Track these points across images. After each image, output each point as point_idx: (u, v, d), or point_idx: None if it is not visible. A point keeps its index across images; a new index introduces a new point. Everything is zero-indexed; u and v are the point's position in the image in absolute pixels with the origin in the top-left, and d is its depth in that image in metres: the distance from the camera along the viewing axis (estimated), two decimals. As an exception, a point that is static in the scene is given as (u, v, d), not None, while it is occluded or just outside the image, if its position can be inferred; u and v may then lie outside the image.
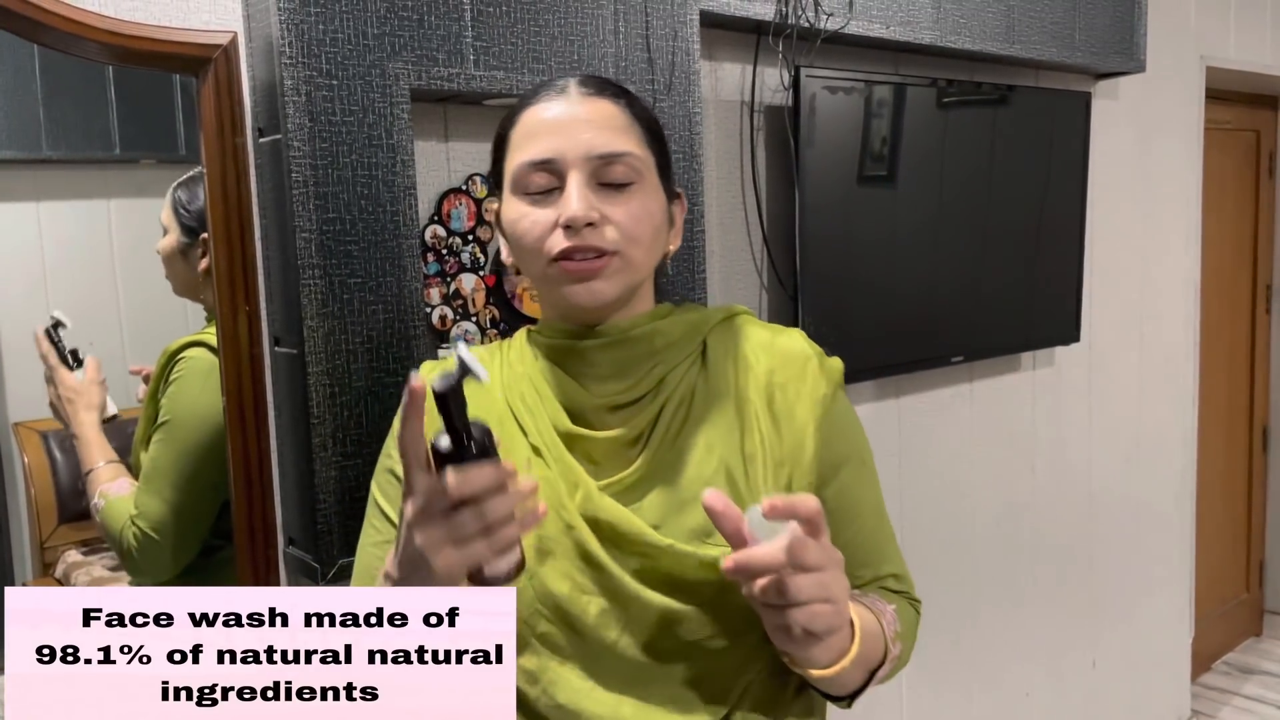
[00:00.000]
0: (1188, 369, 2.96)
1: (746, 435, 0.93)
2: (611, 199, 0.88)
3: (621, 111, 0.91)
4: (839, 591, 0.78)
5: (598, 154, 0.88)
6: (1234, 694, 3.39)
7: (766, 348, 0.97)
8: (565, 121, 0.89)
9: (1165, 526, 2.91)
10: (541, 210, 0.88)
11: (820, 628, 0.76)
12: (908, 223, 1.95)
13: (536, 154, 0.89)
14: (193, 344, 1.23)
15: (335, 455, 1.20)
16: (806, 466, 0.93)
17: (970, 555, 2.31)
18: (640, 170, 0.90)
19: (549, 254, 0.88)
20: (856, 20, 1.74)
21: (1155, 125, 2.69)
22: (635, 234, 0.89)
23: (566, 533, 0.88)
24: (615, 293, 0.89)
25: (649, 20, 1.44)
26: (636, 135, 0.91)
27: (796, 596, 0.75)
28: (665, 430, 0.92)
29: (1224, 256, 3.35)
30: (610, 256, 0.88)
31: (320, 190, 1.18)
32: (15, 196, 1.18)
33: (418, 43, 1.23)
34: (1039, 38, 2.10)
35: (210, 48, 1.14)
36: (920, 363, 2.04)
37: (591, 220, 0.87)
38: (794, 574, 0.75)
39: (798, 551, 0.74)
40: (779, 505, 0.75)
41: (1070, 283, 2.33)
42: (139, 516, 1.20)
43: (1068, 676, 2.60)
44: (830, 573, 0.77)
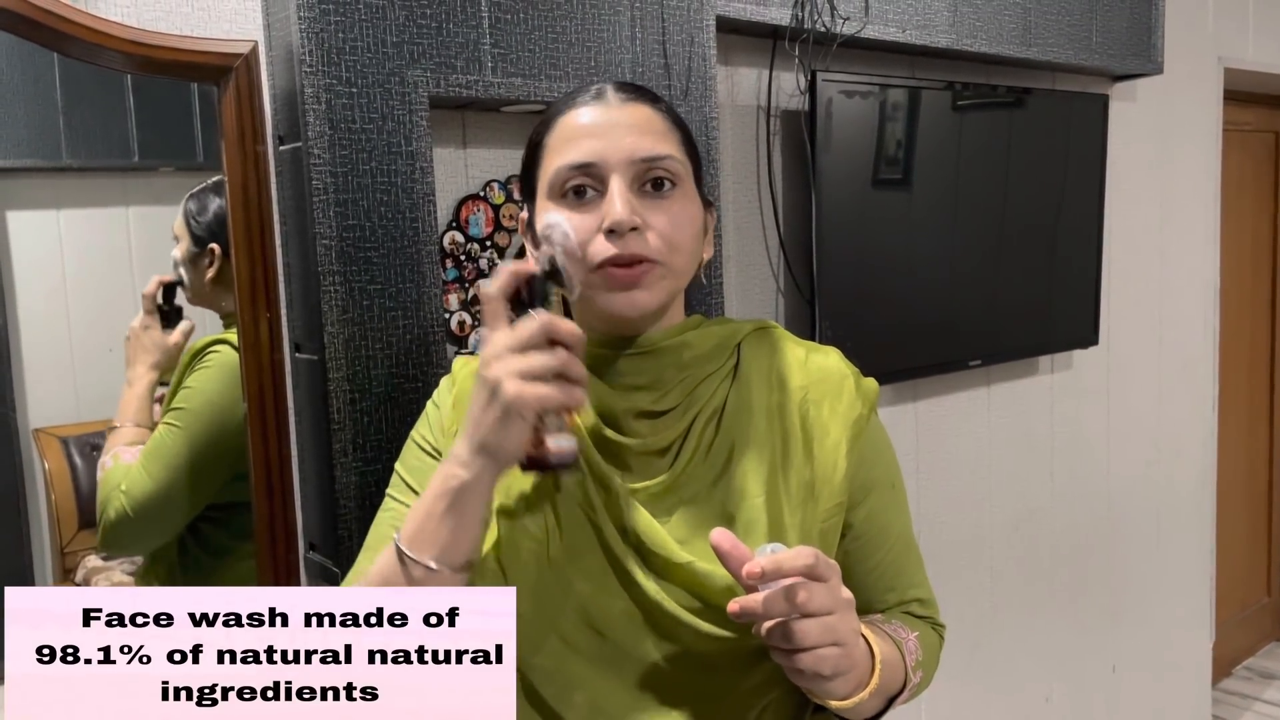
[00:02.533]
0: (1207, 371, 2.94)
1: (778, 452, 0.91)
2: (653, 205, 0.87)
3: (660, 116, 0.90)
4: (847, 634, 0.77)
5: (641, 157, 0.86)
6: (1255, 699, 3.36)
7: (801, 364, 0.96)
8: (606, 125, 0.87)
9: (1185, 530, 2.89)
10: (581, 216, 0.86)
11: (828, 671, 0.76)
12: (925, 226, 1.94)
13: (577, 157, 0.86)
14: (218, 341, 1.24)
15: (356, 460, 1.20)
16: (837, 486, 0.92)
17: (989, 560, 2.30)
18: (681, 175, 0.89)
19: (591, 261, 0.85)
20: (872, 24, 1.74)
21: (1173, 127, 2.67)
22: (678, 240, 0.87)
23: (595, 533, 0.88)
24: (657, 302, 0.88)
25: (665, 26, 1.45)
26: (676, 140, 0.90)
27: (802, 642, 0.74)
28: (696, 443, 0.91)
29: (1243, 258, 3.33)
30: (653, 265, 0.86)
31: (340, 197, 1.18)
32: (36, 204, 1.19)
33: (436, 50, 1.24)
34: (1056, 40, 2.09)
35: (232, 57, 1.15)
36: (937, 367, 2.03)
37: (635, 225, 0.85)
38: (799, 620, 0.74)
39: (803, 599, 0.73)
40: (767, 569, 0.74)
41: (1088, 286, 2.32)
42: (126, 491, 1.19)
43: (1087, 681, 2.58)
44: (838, 615, 0.76)
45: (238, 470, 1.23)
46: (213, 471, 1.24)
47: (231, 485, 1.25)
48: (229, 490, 1.26)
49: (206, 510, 1.27)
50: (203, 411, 1.23)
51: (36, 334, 1.18)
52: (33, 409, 1.20)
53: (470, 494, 0.78)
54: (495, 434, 0.76)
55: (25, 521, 1.21)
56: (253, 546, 1.24)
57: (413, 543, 0.80)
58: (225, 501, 1.27)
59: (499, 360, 0.76)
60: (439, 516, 0.79)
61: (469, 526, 0.80)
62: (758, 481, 0.90)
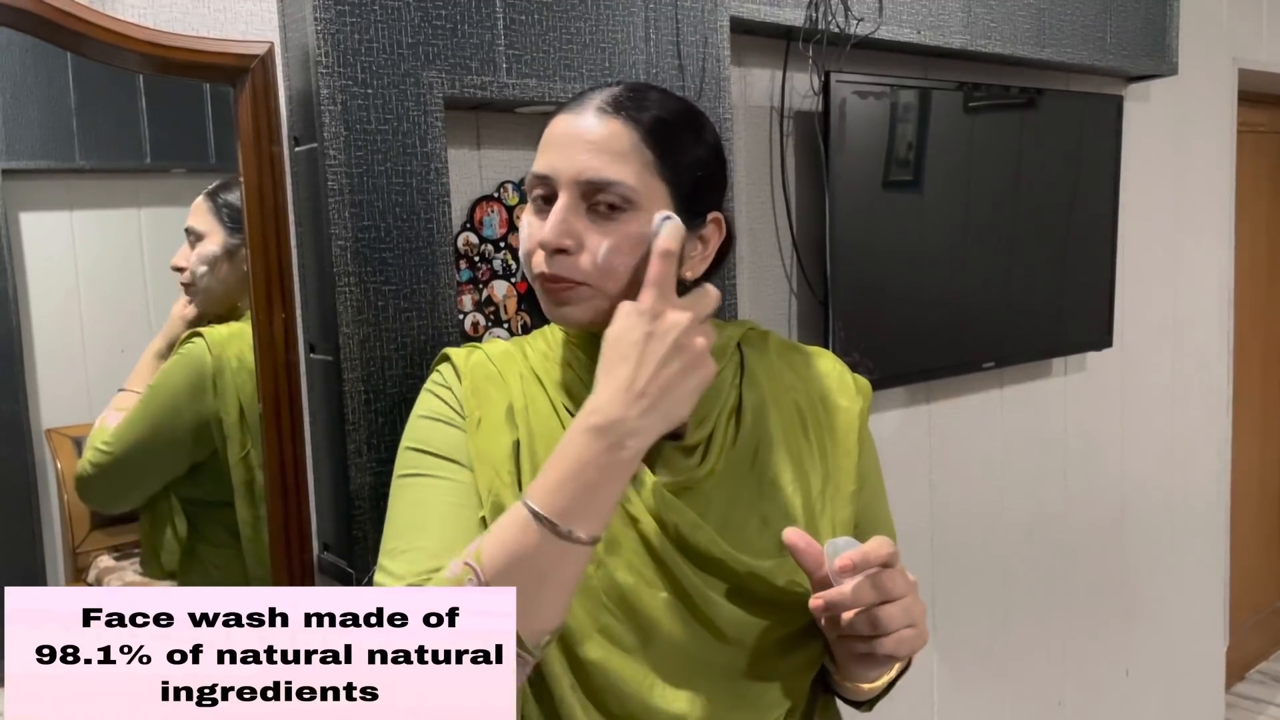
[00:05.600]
0: (1222, 373, 2.93)
1: (801, 447, 0.96)
2: (600, 225, 0.86)
3: (631, 135, 0.87)
4: (920, 614, 0.82)
5: (587, 179, 0.86)
6: (1269, 704, 3.34)
7: (804, 362, 1.01)
8: (568, 139, 0.87)
9: (1199, 534, 2.88)
10: (538, 222, 0.88)
11: (905, 652, 0.81)
12: (939, 228, 1.93)
13: (538, 167, 0.89)
14: (196, 333, 1.25)
15: (370, 461, 1.20)
16: (851, 476, 0.97)
17: (1002, 563, 2.29)
18: (634, 200, 0.86)
19: (533, 270, 0.89)
20: (886, 25, 1.73)
21: (1187, 128, 2.66)
22: (610, 265, 0.86)
23: (632, 525, 0.88)
24: (587, 317, 0.88)
25: (679, 27, 1.44)
26: (639, 162, 0.86)
27: (888, 626, 0.79)
28: (722, 440, 0.93)
29: (1257, 260, 3.31)
30: (580, 286, 0.87)
31: (355, 198, 1.18)
32: (48, 205, 1.20)
33: (451, 51, 1.24)
34: (1070, 41, 2.08)
35: (248, 58, 1.15)
36: (951, 368, 2.03)
37: (563, 246, 0.85)
38: (884, 606, 0.79)
39: (886, 585, 0.78)
40: (858, 562, 0.78)
41: (1102, 287, 2.31)
42: (94, 448, 1.21)
43: (1101, 685, 2.57)
44: (911, 597, 0.81)
45: (195, 459, 1.25)
46: (165, 454, 1.25)
47: (216, 485, 1.27)
48: (210, 487, 1.27)
49: (201, 507, 1.28)
50: (156, 394, 1.23)
51: (49, 334, 1.19)
52: (45, 409, 1.20)
53: (636, 462, 0.79)
54: (685, 401, 0.79)
55: (37, 521, 1.21)
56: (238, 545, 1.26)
57: (568, 515, 0.76)
58: (214, 499, 1.29)
59: (695, 330, 0.79)
60: (599, 486, 0.77)
61: (619, 495, 0.80)
62: (787, 475, 0.93)
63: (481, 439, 0.90)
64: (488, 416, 0.92)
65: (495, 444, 0.90)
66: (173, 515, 1.27)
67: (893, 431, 2.03)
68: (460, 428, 0.92)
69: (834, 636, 0.87)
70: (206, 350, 1.24)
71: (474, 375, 0.94)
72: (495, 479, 0.89)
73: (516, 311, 1.41)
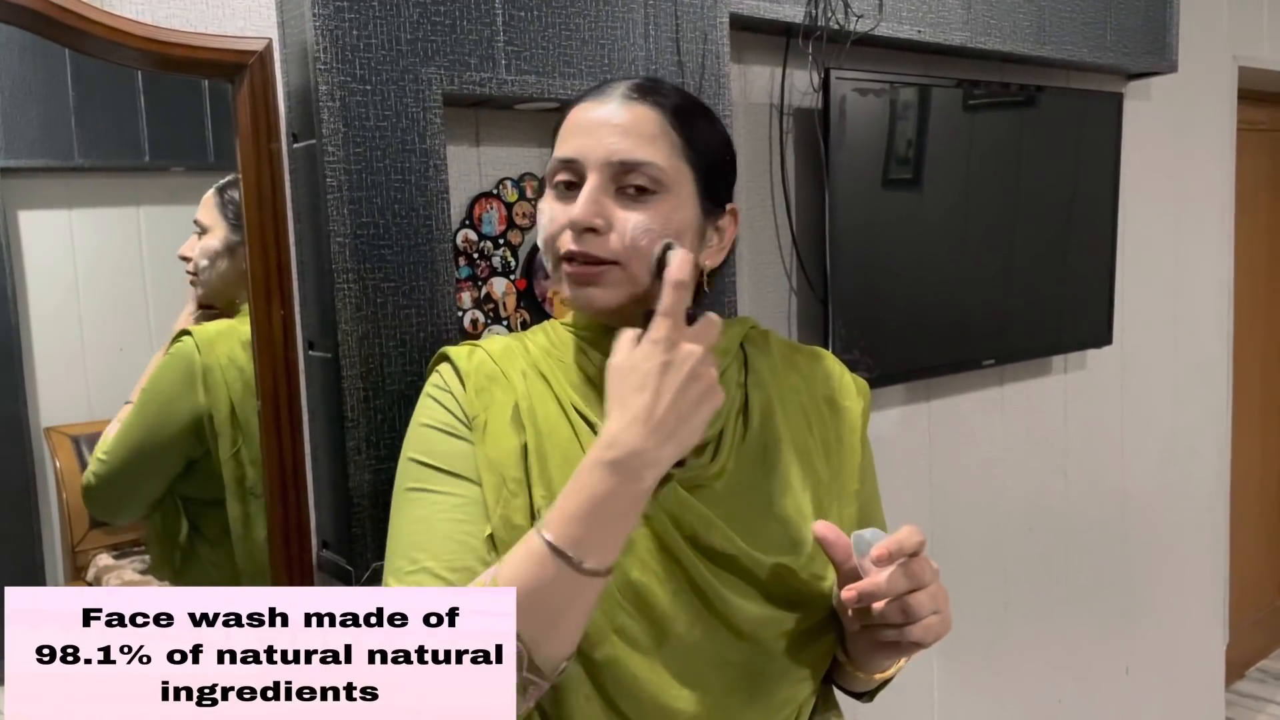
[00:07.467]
0: (1222, 371, 2.93)
1: (809, 444, 0.97)
2: (628, 206, 0.87)
3: (659, 119, 0.89)
4: (944, 600, 0.84)
5: (618, 160, 0.87)
6: (1269, 701, 3.34)
7: (806, 362, 1.02)
8: (595, 123, 0.89)
9: (1199, 532, 2.88)
10: (561, 207, 0.89)
11: (931, 638, 0.82)
12: (939, 225, 1.93)
13: (564, 152, 0.90)
14: (186, 331, 1.25)
15: (369, 459, 1.20)
16: (855, 473, 0.99)
17: (1001, 561, 2.29)
18: (664, 182, 0.88)
19: (558, 252, 0.89)
20: (886, 22, 1.73)
21: (1188, 126, 2.66)
22: (639, 245, 0.87)
23: (645, 524, 0.88)
24: (615, 301, 0.88)
25: (679, 24, 1.44)
26: (668, 145, 0.89)
27: (918, 613, 0.81)
28: (732, 437, 0.94)
29: (1257, 257, 3.31)
30: (610, 265, 0.87)
31: (354, 195, 1.18)
32: (47, 204, 1.20)
33: (450, 48, 1.24)
34: (1070, 38, 2.08)
35: (246, 54, 1.15)
36: (951, 366, 2.03)
37: (594, 225, 0.86)
38: (914, 593, 0.81)
39: (916, 573, 0.80)
40: (893, 551, 0.80)
41: (1102, 285, 2.31)
42: (96, 459, 1.21)
43: (1100, 683, 2.57)
44: (936, 584, 0.83)
45: (191, 456, 1.25)
46: (162, 455, 1.24)
47: (209, 482, 1.26)
48: (204, 485, 1.27)
49: (197, 505, 1.28)
50: (148, 397, 1.23)
51: (48, 333, 1.19)
52: (44, 408, 1.20)
53: (651, 490, 0.78)
54: (699, 430, 0.79)
55: (37, 520, 1.21)
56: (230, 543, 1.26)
57: (584, 548, 0.76)
58: (209, 497, 1.28)
59: (708, 360, 0.79)
60: (616, 518, 0.77)
61: (635, 525, 0.80)
62: (796, 473, 0.94)
63: (489, 445, 0.90)
64: (494, 419, 0.91)
65: (502, 449, 0.90)
66: (178, 517, 1.27)
67: (892, 429, 2.03)
68: (465, 438, 0.91)
69: (856, 627, 0.87)
70: (195, 349, 1.24)
71: (477, 376, 0.93)
72: (503, 488, 0.88)
73: (516, 308, 1.41)
